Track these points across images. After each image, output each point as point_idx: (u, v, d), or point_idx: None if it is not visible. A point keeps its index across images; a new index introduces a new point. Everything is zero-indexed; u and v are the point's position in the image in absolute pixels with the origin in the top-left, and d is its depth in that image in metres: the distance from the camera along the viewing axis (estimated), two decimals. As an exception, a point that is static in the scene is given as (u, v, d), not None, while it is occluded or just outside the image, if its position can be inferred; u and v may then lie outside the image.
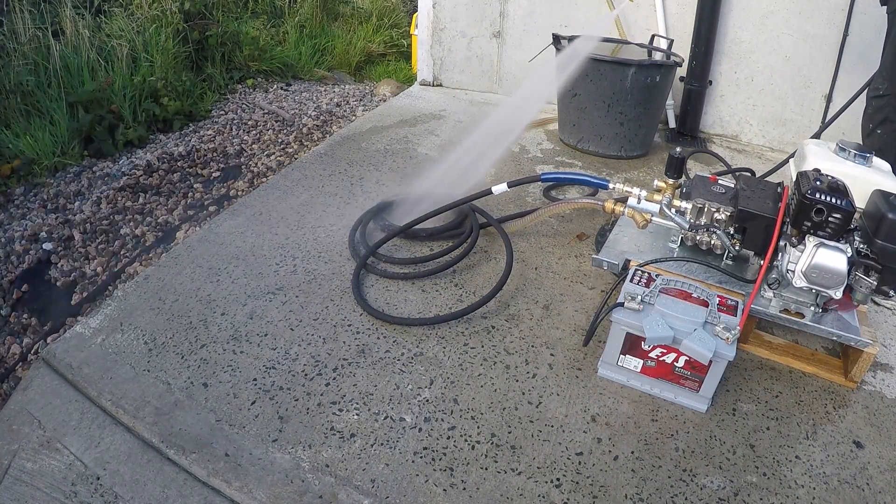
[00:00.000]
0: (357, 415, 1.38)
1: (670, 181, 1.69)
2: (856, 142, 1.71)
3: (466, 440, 1.34)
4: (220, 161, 3.40)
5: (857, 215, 1.41)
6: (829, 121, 2.39)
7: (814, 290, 1.44)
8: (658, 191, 1.71)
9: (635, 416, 1.42)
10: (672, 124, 3.23)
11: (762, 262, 1.52)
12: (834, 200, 1.35)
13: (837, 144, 1.69)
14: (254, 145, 3.62)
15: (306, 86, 4.84)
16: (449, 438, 1.34)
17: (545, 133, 3.13)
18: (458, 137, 2.82)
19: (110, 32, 3.94)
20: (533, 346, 1.61)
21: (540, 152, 2.88)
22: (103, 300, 2.15)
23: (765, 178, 2.11)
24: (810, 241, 1.41)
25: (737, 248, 1.61)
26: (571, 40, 2.69)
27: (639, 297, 1.42)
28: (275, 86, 4.70)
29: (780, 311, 1.55)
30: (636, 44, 3.02)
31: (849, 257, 1.38)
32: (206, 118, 3.98)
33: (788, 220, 1.47)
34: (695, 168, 2.82)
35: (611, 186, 1.77)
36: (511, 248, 1.88)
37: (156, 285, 1.78)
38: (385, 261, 1.92)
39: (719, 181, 1.69)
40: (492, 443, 1.33)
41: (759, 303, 1.57)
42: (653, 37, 2.99)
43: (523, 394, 1.46)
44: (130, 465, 1.28)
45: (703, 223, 1.64)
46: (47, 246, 2.56)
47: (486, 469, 1.27)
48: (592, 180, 1.81)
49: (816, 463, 1.33)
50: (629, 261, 1.71)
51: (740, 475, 1.29)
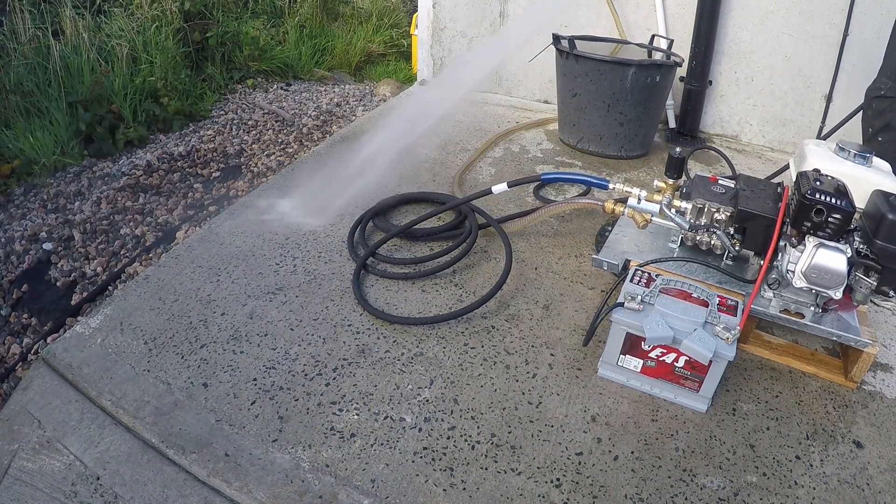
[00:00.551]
0: (357, 415, 1.38)
1: (670, 181, 1.69)
2: (856, 142, 1.71)
3: (466, 440, 1.34)
4: (220, 161, 3.40)
5: (857, 215, 1.41)
6: (838, 124, 2.36)
7: (814, 291, 1.44)
8: (658, 191, 1.71)
9: (635, 416, 1.42)
10: (672, 124, 3.23)
11: (762, 263, 1.51)
12: (834, 201, 1.35)
13: (837, 144, 1.69)
14: (254, 145, 3.62)
15: (306, 86, 4.84)
16: (449, 438, 1.34)
17: (545, 133, 3.13)
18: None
19: (110, 32, 3.94)
20: (533, 346, 1.61)
21: (540, 152, 2.88)
22: (103, 300, 2.15)
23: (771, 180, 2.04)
24: (810, 241, 1.41)
25: (737, 248, 1.61)
26: (572, 40, 2.69)
27: (639, 297, 1.42)
28: (275, 86, 4.70)
29: (780, 311, 1.55)
30: (636, 44, 3.02)
31: (849, 258, 1.38)
32: (206, 118, 3.98)
33: (788, 220, 1.47)
34: (695, 168, 2.82)
35: (611, 186, 1.77)
36: (510, 247, 1.89)
37: (156, 285, 1.78)
38: (384, 261, 1.92)
39: (719, 181, 1.69)
40: (492, 443, 1.33)
41: (759, 303, 1.57)
42: (653, 37, 2.99)
43: (523, 394, 1.46)
44: (130, 465, 1.28)
45: (703, 223, 1.64)
46: (47, 246, 2.56)
47: (486, 469, 1.27)
48: (592, 180, 1.81)
49: (816, 463, 1.33)
50: (629, 261, 1.71)
51: (740, 475, 1.29)
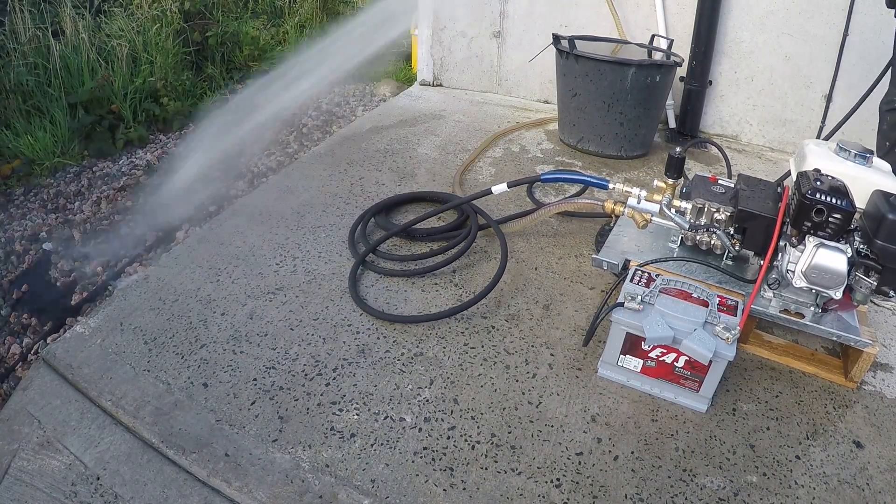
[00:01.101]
0: (357, 415, 1.38)
1: (670, 181, 1.69)
2: (856, 142, 1.71)
3: (466, 440, 1.34)
4: (220, 161, 3.39)
5: (857, 215, 1.41)
6: (838, 124, 2.36)
7: (814, 291, 1.44)
8: (658, 191, 1.71)
9: (635, 416, 1.42)
10: (672, 124, 3.22)
11: (762, 262, 1.51)
12: (834, 201, 1.35)
13: (837, 144, 1.69)
14: (254, 145, 3.62)
15: (306, 86, 4.84)
16: (449, 438, 1.34)
17: (545, 133, 3.13)
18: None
19: (110, 32, 3.94)
20: (533, 346, 1.61)
21: (540, 152, 2.88)
22: (103, 300, 2.15)
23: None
24: (810, 241, 1.41)
25: (737, 248, 1.61)
26: (571, 40, 2.69)
27: (639, 297, 1.42)
28: (275, 86, 4.70)
29: (780, 311, 1.55)
30: (636, 44, 3.02)
31: (849, 258, 1.38)
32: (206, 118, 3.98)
33: (788, 220, 1.47)
34: (695, 168, 2.82)
35: (611, 186, 1.77)
36: (505, 243, 1.88)
37: (156, 285, 1.78)
38: (384, 258, 1.92)
39: (719, 181, 1.69)
40: (492, 443, 1.33)
41: (759, 303, 1.56)
42: (653, 37, 2.99)
43: (523, 394, 1.46)
44: (130, 465, 1.28)
45: (703, 223, 1.64)
46: (47, 246, 2.56)
47: (486, 469, 1.27)
48: (592, 180, 1.81)
49: (816, 463, 1.33)
50: (629, 261, 1.71)
51: (740, 475, 1.29)
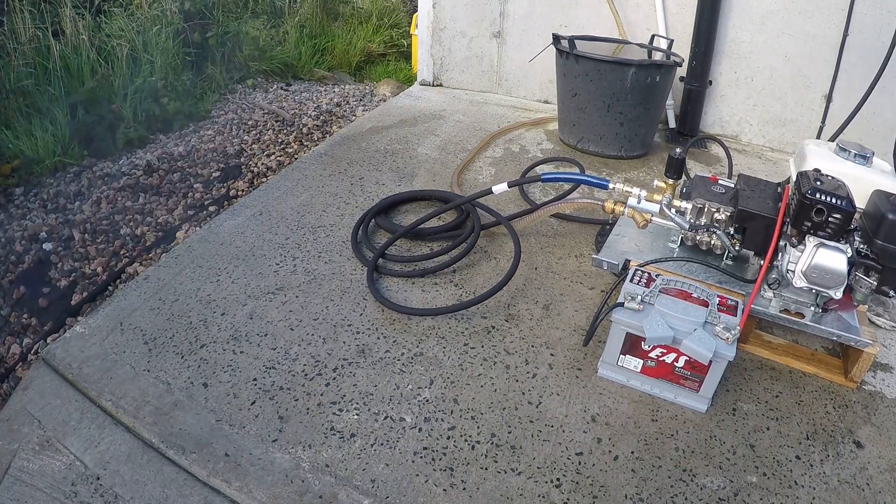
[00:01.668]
0: (357, 415, 1.38)
1: (670, 181, 1.69)
2: (855, 142, 1.71)
3: (466, 440, 1.34)
4: (220, 161, 3.40)
5: (857, 215, 1.41)
6: (842, 125, 2.35)
7: (814, 290, 1.44)
8: (658, 191, 1.71)
9: (635, 416, 1.42)
10: (672, 124, 3.22)
11: (762, 262, 1.51)
12: (834, 200, 1.35)
13: (837, 144, 1.69)
14: (254, 145, 3.61)
15: (306, 86, 4.84)
16: (449, 438, 1.34)
17: (545, 133, 3.13)
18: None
19: (110, 32, 3.94)
20: (533, 346, 1.61)
21: (540, 152, 2.88)
22: (103, 300, 2.15)
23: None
24: (810, 241, 1.41)
25: (737, 248, 1.61)
26: (572, 40, 2.69)
27: (639, 297, 1.42)
28: (275, 86, 4.70)
29: (780, 311, 1.55)
30: (636, 44, 3.02)
31: (849, 257, 1.38)
32: (206, 118, 3.98)
33: (788, 220, 1.47)
34: (695, 168, 2.82)
35: (611, 186, 1.77)
36: (518, 239, 1.88)
37: (156, 285, 1.78)
38: (391, 259, 1.92)
39: (719, 181, 1.69)
40: (492, 443, 1.33)
41: (759, 303, 1.57)
42: (653, 37, 2.99)
43: (523, 394, 1.46)
44: (130, 465, 1.28)
45: (703, 223, 1.64)
46: (47, 246, 2.56)
47: (486, 469, 1.27)
48: (592, 180, 1.81)
49: (816, 463, 1.33)
50: (629, 261, 1.71)
51: (740, 475, 1.29)
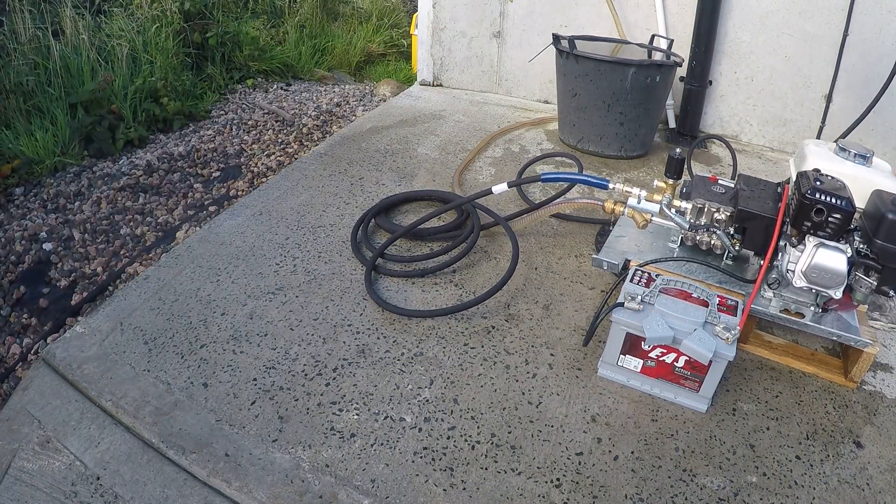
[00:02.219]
0: (357, 415, 1.38)
1: (670, 181, 1.69)
2: (856, 142, 1.71)
3: (466, 440, 1.34)
4: (220, 161, 3.40)
5: (857, 215, 1.41)
6: (853, 125, 2.35)
7: (814, 290, 1.44)
8: (658, 191, 1.71)
9: (635, 416, 1.42)
10: (672, 124, 3.22)
11: (762, 262, 1.51)
12: (834, 200, 1.35)
13: (837, 144, 1.69)
14: (254, 145, 3.62)
15: (306, 86, 4.84)
16: (449, 438, 1.34)
17: (545, 133, 3.13)
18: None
19: (110, 32, 3.94)
20: (533, 346, 1.61)
21: (540, 152, 2.88)
22: (103, 300, 2.15)
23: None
24: (810, 241, 1.41)
25: (737, 248, 1.61)
26: (571, 40, 2.69)
27: (639, 297, 1.42)
28: (275, 86, 4.70)
29: (780, 311, 1.55)
30: (636, 44, 3.02)
31: (849, 257, 1.38)
32: (206, 118, 3.98)
33: (788, 220, 1.47)
34: (695, 168, 2.82)
35: (611, 186, 1.77)
36: (516, 239, 1.88)
37: (156, 285, 1.78)
38: (390, 259, 1.92)
39: (719, 181, 1.69)
40: (492, 443, 1.33)
41: (759, 303, 1.57)
42: (653, 37, 2.99)
43: (523, 394, 1.46)
44: (130, 465, 1.28)
45: (703, 223, 1.64)
46: (47, 246, 2.56)
47: (486, 469, 1.27)
48: (592, 180, 1.81)
49: (816, 463, 1.33)
50: (629, 261, 1.71)
51: (740, 475, 1.29)
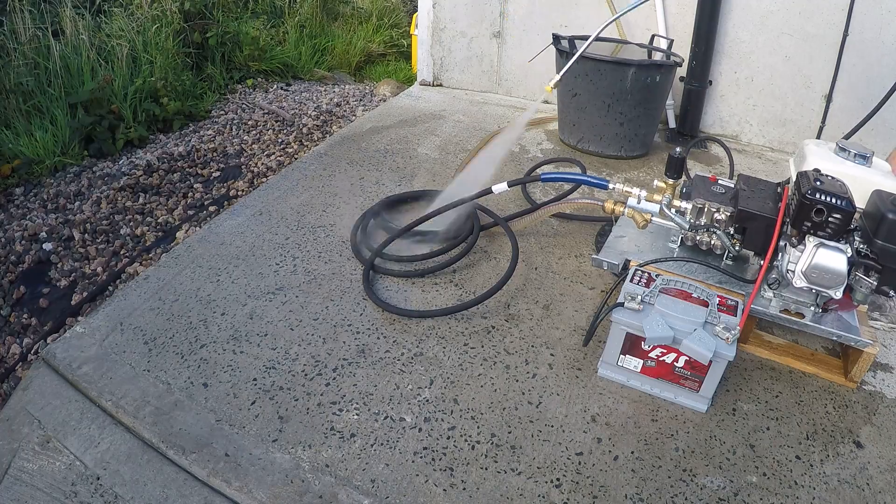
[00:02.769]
0: (357, 415, 1.38)
1: (670, 181, 1.69)
2: (856, 142, 1.71)
3: (466, 440, 1.34)
4: (220, 161, 3.39)
5: (857, 215, 1.41)
6: (855, 127, 2.34)
7: (814, 290, 1.44)
8: (658, 191, 1.71)
9: (635, 416, 1.42)
10: (672, 124, 3.22)
11: (762, 262, 1.51)
12: (834, 200, 1.35)
13: (837, 144, 1.69)
14: (254, 145, 3.61)
15: (306, 86, 4.84)
16: (449, 438, 1.34)
17: (545, 133, 3.13)
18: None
19: (110, 32, 3.94)
20: (533, 346, 1.61)
21: (540, 152, 2.88)
22: (103, 300, 2.15)
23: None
24: (810, 241, 1.41)
25: (737, 248, 1.61)
26: (572, 40, 2.69)
27: (639, 297, 1.42)
28: (275, 86, 4.70)
29: (780, 311, 1.55)
30: (636, 44, 3.02)
31: (849, 257, 1.38)
32: (206, 118, 3.98)
33: (788, 220, 1.47)
34: (695, 168, 2.82)
35: (611, 186, 1.77)
36: (516, 242, 1.88)
37: (156, 285, 1.78)
38: (389, 259, 1.92)
39: (719, 181, 1.69)
40: (492, 443, 1.33)
41: (759, 303, 1.57)
42: (653, 37, 2.99)
43: (523, 394, 1.46)
44: (130, 465, 1.28)
45: (703, 223, 1.64)
46: (47, 246, 2.55)
47: (486, 469, 1.27)
48: (592, 180, 1.81)
49: (816, 463, 1.33)
50: (629, 261, 1.71)
51: (740, 475, 1.29)
